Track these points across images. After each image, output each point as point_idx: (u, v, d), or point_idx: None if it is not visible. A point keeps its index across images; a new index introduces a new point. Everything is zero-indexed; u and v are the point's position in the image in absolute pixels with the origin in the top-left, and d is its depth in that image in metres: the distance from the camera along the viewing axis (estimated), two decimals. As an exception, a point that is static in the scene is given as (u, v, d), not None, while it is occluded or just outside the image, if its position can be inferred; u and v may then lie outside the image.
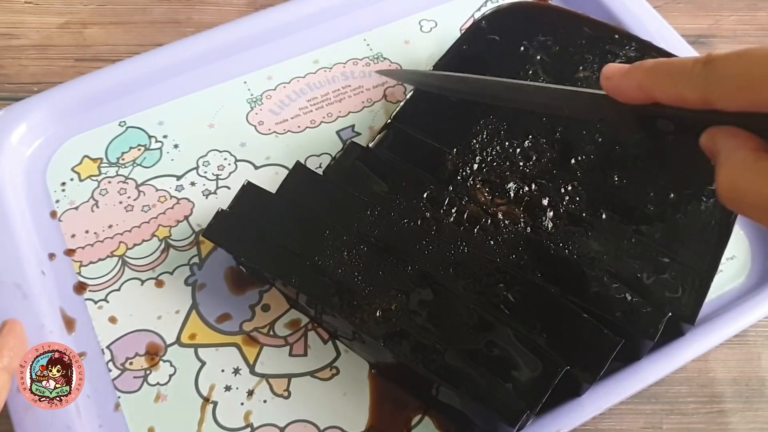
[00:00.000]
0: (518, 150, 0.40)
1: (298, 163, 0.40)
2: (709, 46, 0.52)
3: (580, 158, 0.40)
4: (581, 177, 0.39)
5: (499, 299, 0.35)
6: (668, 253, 0.37)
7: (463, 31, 0.47)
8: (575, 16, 0.46)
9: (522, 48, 0.44)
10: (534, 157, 0.40)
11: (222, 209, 0.39)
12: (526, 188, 0.39)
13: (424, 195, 0.38)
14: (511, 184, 0.39)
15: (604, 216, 0.38)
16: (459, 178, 0.39)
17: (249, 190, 0.39)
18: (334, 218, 0.38)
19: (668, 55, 0.44)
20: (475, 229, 0.37)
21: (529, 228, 0.37)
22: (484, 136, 0.41)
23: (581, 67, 0.43)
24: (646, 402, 0.38)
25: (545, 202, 0.38)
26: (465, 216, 0.38)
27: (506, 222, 0.38)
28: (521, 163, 0.40)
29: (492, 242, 0.37)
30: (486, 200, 0.38)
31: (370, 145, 0.41)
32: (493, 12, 0.46)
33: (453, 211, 0.38)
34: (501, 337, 0.34)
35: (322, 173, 0.40)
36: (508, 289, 0.35)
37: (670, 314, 0.35)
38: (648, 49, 0.44)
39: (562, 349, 0.34)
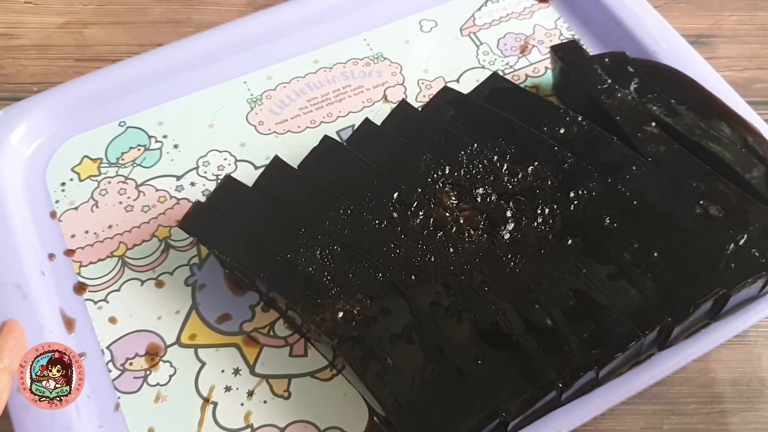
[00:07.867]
0: (507, 166, 0.39)
1: (276, 157, 0.40)
2: (709, 46, 0.52)
3: (581, 192, 0.38)
4: (572, 208, 0.37)
5: (453, 315, 0.35)
6: (609, 305, 0.35)
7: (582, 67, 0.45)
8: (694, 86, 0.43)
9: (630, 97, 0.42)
10: (520, 174, 0.38)
11: (199, 201, 0.39)
12: (506, 203, 0.38)
13: (394, 195, 0.38)
14: (480, 190, 0.38)
15: (570, 242, 0.36)
16: (430, 180, 0.38)
17: (227, 182, 0.39)
18: (306, 214, 0.38)
19: (759, 135, 0.41)
20: (438, 235, 0.37)
21: (485, 236, 0.37)
22: (477, 149, 0.40)
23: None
24: (646, 402, 0.38)
25: (516, 216, 0.37)
26: (431, 220, 0.37)
27: (468, 230, 0.37)
28: (505, 179, 0.39)
29: (451, 249, 0.37)
30: (451, 205, 0.38)
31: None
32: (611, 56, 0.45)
33: (420, 213, 0.38)
34: (445, 367, 0.33)
35: (297, 167, 0.40)
36: (461, 306, 0.35)
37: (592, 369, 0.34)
38: (742, 128, 0.41)
39: (497, 384, 0.33)
